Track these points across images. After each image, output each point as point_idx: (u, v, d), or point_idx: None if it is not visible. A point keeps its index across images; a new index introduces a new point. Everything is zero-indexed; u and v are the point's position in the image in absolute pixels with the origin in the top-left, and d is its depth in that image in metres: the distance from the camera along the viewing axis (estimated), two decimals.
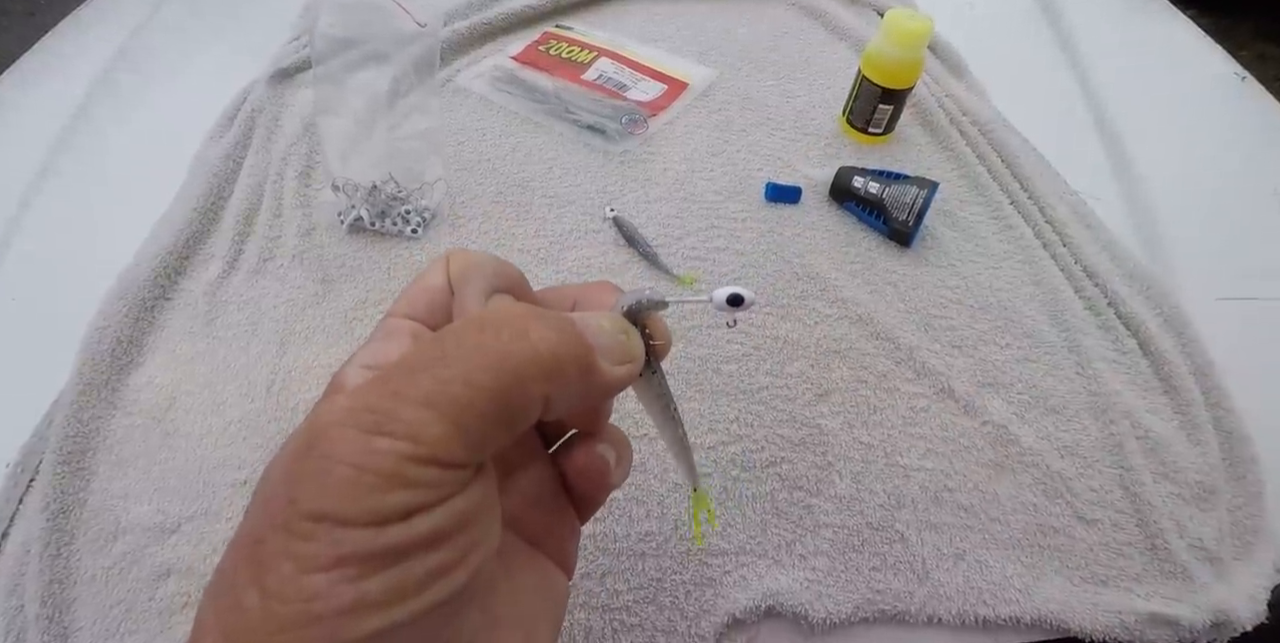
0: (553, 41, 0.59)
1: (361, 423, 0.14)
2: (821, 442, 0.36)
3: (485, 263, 0.19)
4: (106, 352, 0.39)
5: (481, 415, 0.14)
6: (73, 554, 0.33)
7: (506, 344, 0.15)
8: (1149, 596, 0.32)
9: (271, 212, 0.46)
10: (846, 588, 0.31)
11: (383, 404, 0.14)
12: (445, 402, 0.14)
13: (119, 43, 0.61)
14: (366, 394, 0.14)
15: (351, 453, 0.14)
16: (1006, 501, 0.34)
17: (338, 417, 0.14)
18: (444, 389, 0.14)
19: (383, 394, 0.14)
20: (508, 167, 0.49)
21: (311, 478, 0.14)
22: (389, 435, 0.14)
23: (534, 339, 0.15)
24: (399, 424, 0.14)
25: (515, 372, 0.15)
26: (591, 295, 0.20)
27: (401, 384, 0.14)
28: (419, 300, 0.19)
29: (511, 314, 0.16)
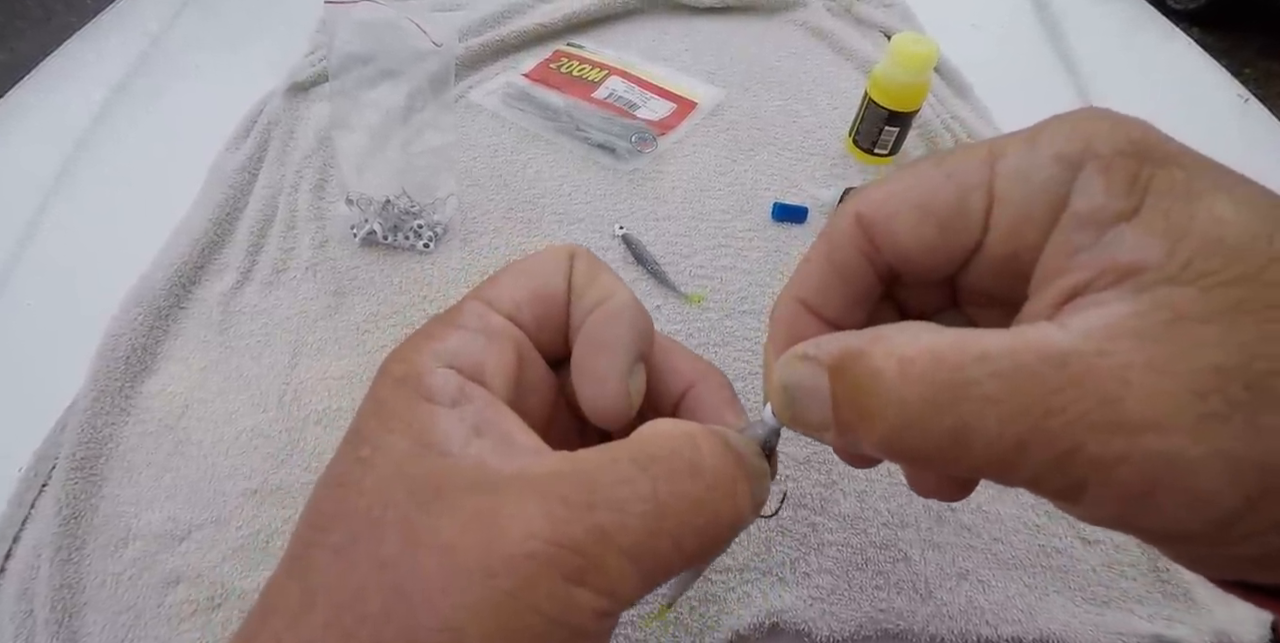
0: (564, 60, 0.60)
1: (564, 567, 0.12)
2: (826, 461, 0.36)
3: (630, 318, 0.17)
4: (121, 359, 0.39)
5: (669, 571, 0.14)
6: (83, 560, 0.34)
7: (719, 505, 0.14)
8: (1151, 617, 0.32)
9: (286, 224, 0.47)
10: (850, 606, 0.31)
11: (588, 547, 0.13)
12: (650, 559, 0.13)
13: (138, 50, 0.63)
14: (568, 523, 0.13)
15: (548, 603, 0.12)
16: (1009, 521, 0.34)
17: (536, 549, 0.12)
18: (653, 544, 0.13)
19: (588, 531, 0.13)
20: (519, 183, 0.50)
21: (490, 615, 0.12)
22: (591, 588, 0.12)
23: (739, 502, 0.14)
24: (602, 577, 0.13)
25: (718, 538, 0.14)
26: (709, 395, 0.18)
27: (609, 523, 0.13)
28: (527, 304, 0.17)
29: (721, 463, 0.14)
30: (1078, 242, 0.13)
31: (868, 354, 0.13)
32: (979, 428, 0.11)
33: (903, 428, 0.12)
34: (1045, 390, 0.11)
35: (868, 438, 0.13)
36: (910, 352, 0.12)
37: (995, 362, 0.11)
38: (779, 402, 0.15)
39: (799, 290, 0.17)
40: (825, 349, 0.14)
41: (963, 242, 0.14)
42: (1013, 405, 0.11)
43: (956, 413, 0.11)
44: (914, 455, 0.13)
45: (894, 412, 0.12)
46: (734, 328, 0.42)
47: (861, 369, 0.13)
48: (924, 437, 0.12)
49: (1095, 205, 0.12)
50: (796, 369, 0.14)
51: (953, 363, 0.12)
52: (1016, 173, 0.13)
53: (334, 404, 0.38)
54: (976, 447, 0.12)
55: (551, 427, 0.18)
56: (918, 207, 0.14)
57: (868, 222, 0.15)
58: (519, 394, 0.16)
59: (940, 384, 0.12)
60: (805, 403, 0.14)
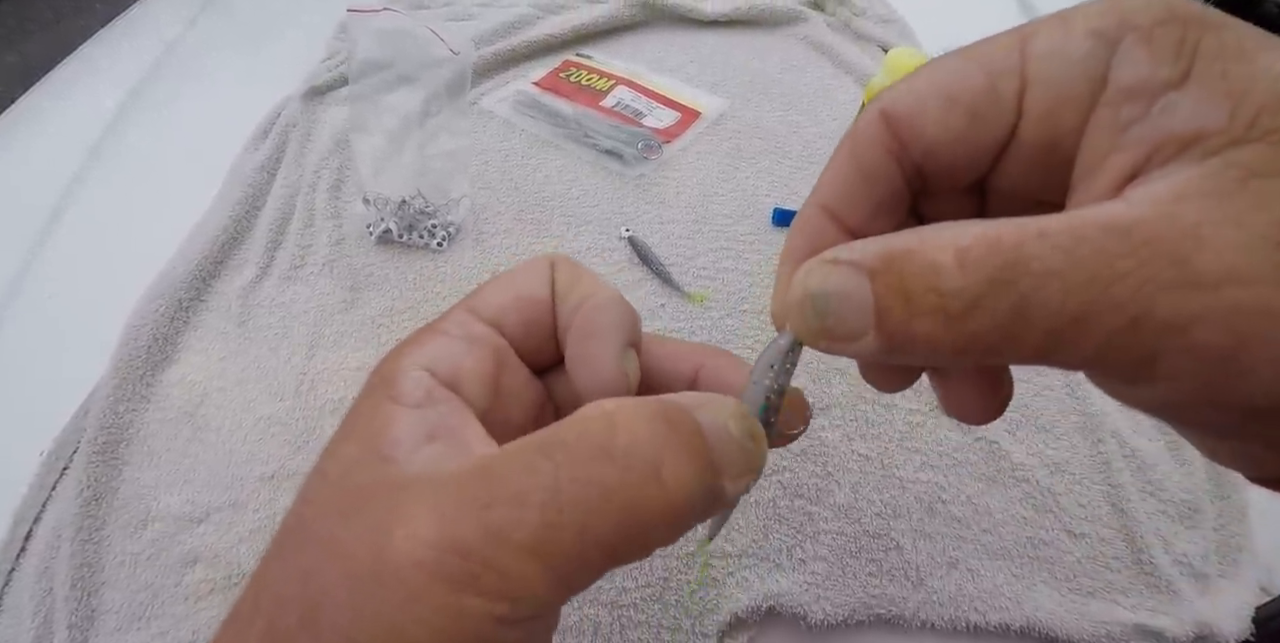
0: (573, 69, 0.62)
1: (452, 574, 0.11)
2: (822, 453, 0.37)
3: (617, 309, 0.16)
4: (142, 348, 0.41)
5: (589, 568, 0.12)
6: (103, 540, 0.35)
7: (636, 488, 0.12)
8: (1135, 607, 0.33)
9: (303, 222, 0.49)
10: (844, 592, 0.33)
11: (479, 548, 0.12)
12: (554, 553, 0.12)
13: (154, 55, 0.64)
14: (457, 521, 0.12)
15: (437, 615, 0.11)
16: (998, 513, 0.35)
17: (422, 556, 0.12)
18: (554, 537, 0.12)
19: (479, 531, 0.12)
20: (529, 186, 0.52)
21: (384, 630, 0.12)
22: (484, 595, 0.11)
23: (667, 481, 0.12)
24: (496, 579, 0.12)
25: (641, 524, 0.12)
26: (719, 370, 0.17)
27: (503, 520, 0.12)
28: (511, 310, 0.17)
29: (640, 439, 0.13)
30: (1126, 116, 0.12)
31: (918, 250, 0.12)
32: (1040, 301, 0.11)
33: (962, 317, 0.11)
34: (1110, 257, 0.10)
35: (924, 336, 0.12)
36: (964, 241, 0.11)
37: (1055, 236, 0.11)
38: (804, 314, 0.13)
39: (822, 197, 0.15)
40: (864, 251, 0.12)
41: (994, 130, 0.13)
42: (1076, 275, 0.10)
43: (1017, 290, 0.11)
44: (971, 348, 0.11)
45: (954, 303, 0.11)
46: (735, 326, 0.43)
47: (914, 266, 0.12)
48: (983, 323, 0.11)
49: (1141, 76, 0.11)
50: (829, 274, 0.13)
51: (1011, 242, 0.11)
52: (1050, 53, 0.12)
53: (349, 394, 0.40)
54: (1038, 322, 0.11)
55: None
56: (945, 97, 0.13)
57: (893, 117, 0.14)
58: (498, 400, 0.16)
59: (1000, 265, 0.11)
60: (840, 310, 0.13)
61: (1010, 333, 0.11)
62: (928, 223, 0.16)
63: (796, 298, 0.13)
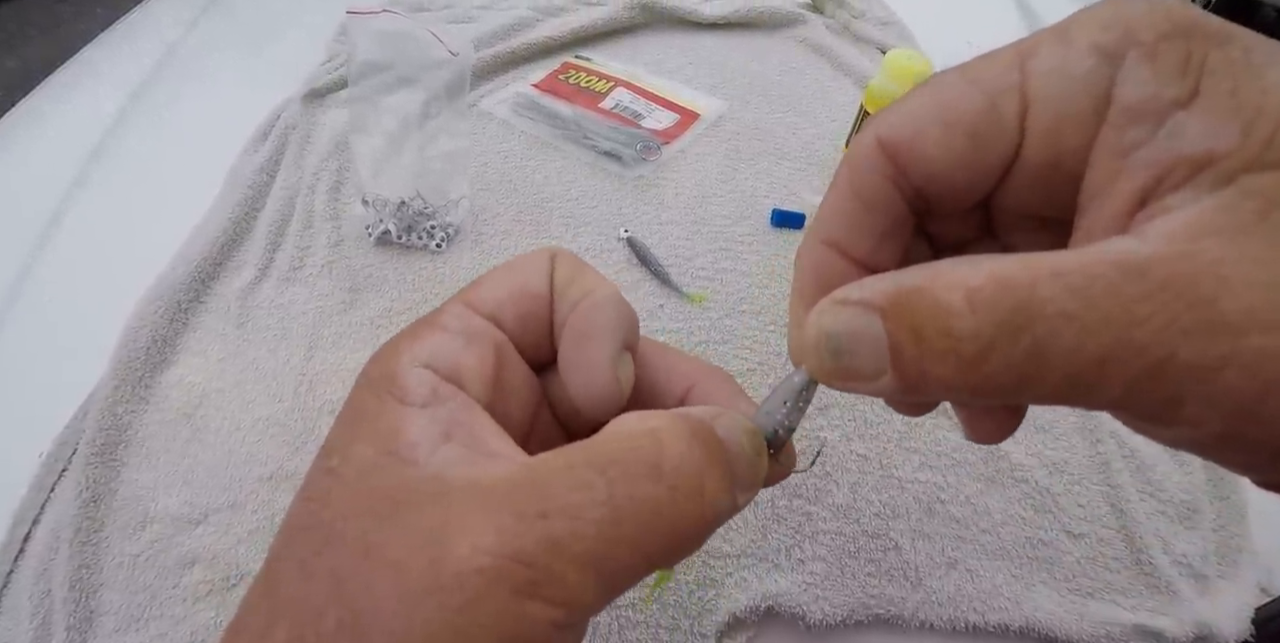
0: (572, 71, 0.62)
1: (515, 581, 0.12)
2: (821, 453, 0.37)
3: (614, 310, 0.16)
4: (141, 350, 0.41)
5: (635, 577, 0.13)
6: (102, 541, 0.35)
7: (682, 507, 0.13)
8: (1134, 608, 0.33)
9: (302, 223, 0.49)
10: (843, 592, 0.33)
11: (540, 558, 0.12)
12: (611, 568, 0.12)
13: (155, 58, 0.65)
14: (517, 534, 0.12)
15: (499, 619, 0.12)
16: (997, 513, 0.35)
17: (483, 564, 0.12)
18: (611, 551, 0.12)
19: (539, 542, 0.12)
20: (528, 188, 0.52)
21: (442, 634, 0.12)
22: (545, 600, 0.12)
23: (708, 500, 0.13)
24: (558, 589, 0.12)
25: (684, 541, 0.13)
26: (710, 395, 0.17)
27: (562, 532, 0.12)
28: (509, 304, 0.16)
29: (686, 460, 0.13)
30: (1132, 138, 0.11)
31: (927, 289, 0.12)
32: (1056, 346, 0.10)
33: (976, 361, 0.11)
34: (1127, 300, 0.10)
35: (937, 378, 0.12)
36: (975, 281, 0.11)
37: (1068, 277, 0.10)
38: (820, 355, 0.13)
39: (825, 231, 0.15)
40: (874, 290, 0.12)
41: (997, 152, 0.13)
42: (1092, 318, 0.10)
43: (1031, 334, 0.10)
44: (987, 390, 0.11)
45: (967, 346, 0.11)
46: (734, 326, 0.43)
47: (923, 306, 0.12)
48: (999, 366, 0.11)
49: (1146, 95, 0.11)
50: (841, 315, 0.13)
51: (1023, 283, 0.11)
52: (1051, 70, 0.12)
53: (347, 395, 0.40)
54: (1055, 367, 0.10)
55: (534, 432, 0.18)
56: (943, 121, 0.13)
57: (890, 144, 0.14)
58: (498, 396, 0.16)
59: (1012, 307, 0.11)
60: (855, 351, 0.13)
61: (1027, 376, 0.11)
62: (936, 242, 0.16)
63: (811, 339, 0.13)
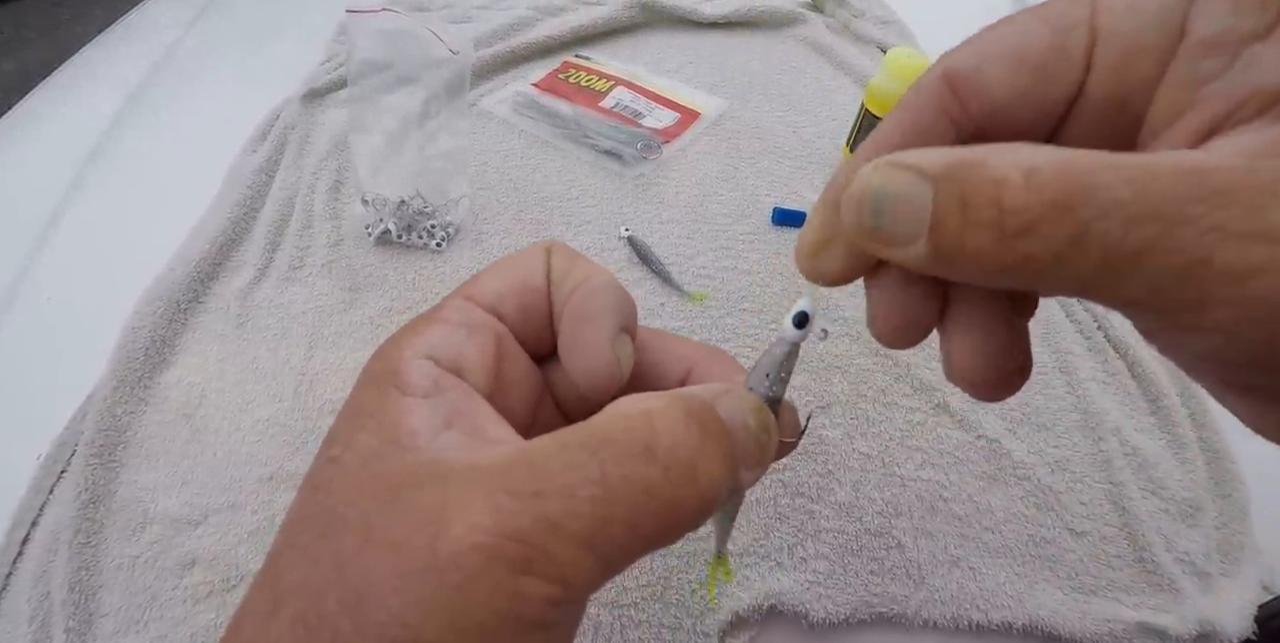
0: (572, 70, 0.62)
1: (510, 558, 0.12)
2: (823, 451, 0.37)
3: (610, 294, 0.17)
4: (140, 351, 0.41)
5: (631, 556, 0.13)
6: (101, 543, 0.34)
7: (675, 488, 0.13)
8: (1137, 606, 0.33)
9: (302, 223, 0.48)
10: (845, 590, 0.32)
11: (536, 536, 0.12)
12: (606, 545, 0.13)
13: (153, 58, 0.65)
14: (513, 513, 0.12)
15: (495, 596, 0.12)
16: (999, 511, 0.35)
17: (480, 541, 0.12)
18: (605, 530, 0.13)
19: (535, 520, 0.12)
20: (528, 187, 0.52)
21: (440, 611, 0.12)
22: (540, 577, 0.12)
23: (702, 482, 0.14)
24: (553, 566, 0.12)
25: (679, 522, 0.13)
26: (710, 369, 0.18)
27: (557, 511, 0.12)
28: (509, 296, 0.17)
29: (680, 441, 0.14)
30: (1206, 70, 0.11)
31: (986, 164, 0.11)
32: (1101, 231, 0.10)
33: (1018, 235, 0.11)
34: (1181, 199, 0.10)
35: (972, 250, 0.12)
36: (1036, 161, 0.11)
37: (1129, 169, 0.10)
38: (860, 211, 0.13)
39: (872, 153, 0.15)
40: (931, 157, 0.12)
41: (1061, 87, 0.13)
42: (1140, 209, 0.10)
43: (1079, 217, 0.11)
44: (1016, 268, 0.11)
45: (1012, 219, 0.11)
46: (735, 325, 0.43)
47: (979, 177, 0.11)
48: (1038, 246, 0.11)
49: (1223, 27, 0.11)
50: (891, 175, 0.13)
51: (1083, 168, 0.11)
52: (1123, 4, 0.12)
53: (347, 395, 0.39)
54: (1093, 253, 0.11)
55: (536, 423, 0.18)
56: (1010, 55, 0.13)
57: (956, 77, 0.14)
58: (499, 387, 0.16)
59: (1066, 189, 0.11)
60: (896, 213, 0.13)
61: (1062, 260, 0.11)
62: None
63: (856, 194, 0.13)
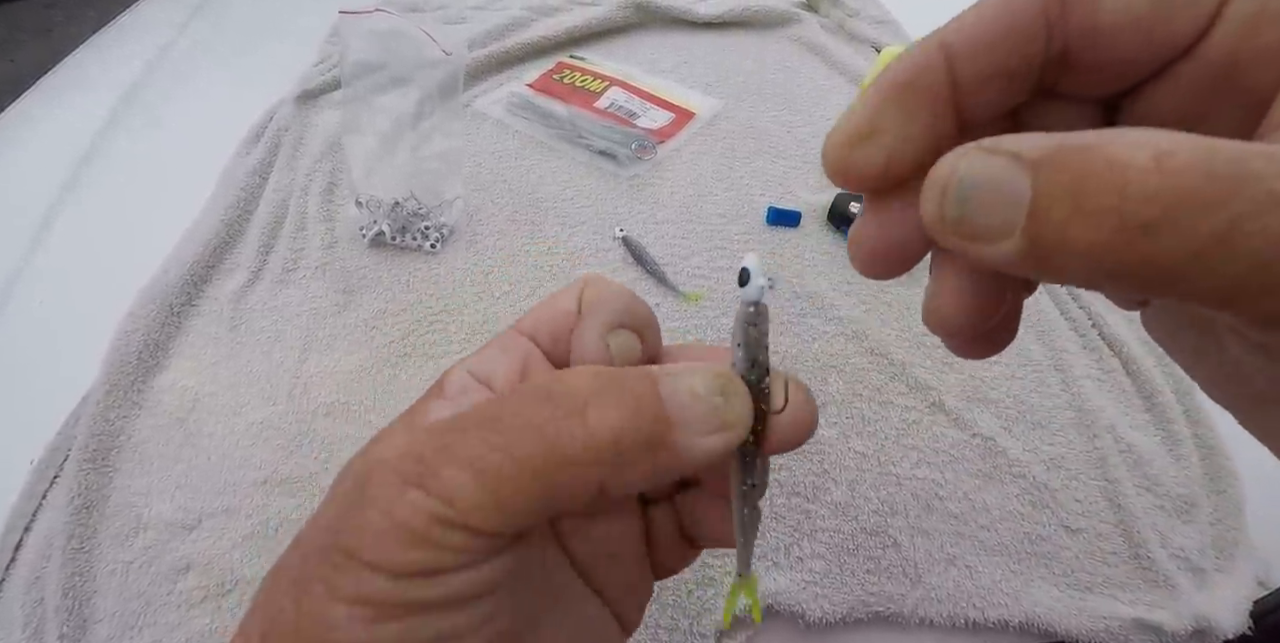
0: (566, 71, 0.62)
1: (405, 473, 0.14)
2: (818, 451, 0.37)
3: (616, 297, 0.17)
4: (134, 354, 0.40)
5: (521, 492, 0.13)
6: (94, 549, 0.34)
7: (560, 422, 0.14)
8: (1133, 602, 0.33)
9: (296, 225, 0.48)
10: (842, 590, 0.32)
11: (429, 457, 0.14)
12: (485, 469, 0.13)
13: (146, 60, 0.64)
14: (421, 442, 0.14)
15: (387, 500, 0.14)
16: (995, 509, 0.35)
17: (390, 456, 0.14)
18: (487, 456, 0.13)
19: (433, 446, 0.14)
20: (523, 187, 0.51)
21: (353, 513, 0.14)
22: (424, 490, 0.13)
23: (590, 420, 0.14)
24: (437, 482, 0.13)
25: (563, 457, 0.14)
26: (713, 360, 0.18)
27: (453, 440, 0.14)
28: (544, 322, 0.18)
29: (575, 385, 0.14)
30: None
31: (1099, 147, 0.10)
32: (1255, 233, 0.09)
33: (1144, 230, 0.09)
34: None
35: (1081, 246, 0.10)
36: (1168, 144, 0.09)
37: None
38: (945, 199, 0.11)
39: (950, 33, 0.13)
40: (1031, 143, 0.10)
41: (1180, 29, 0.11)
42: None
43: (1230, 211, 0.09)
44: (1142, 266, 0.10)
45: (1140, 209, 0.09)
46: (730, 325, 0.43)
47: (1093, 161, 0.10)
48: (1170, 243, 0.09)
49: None
50: (984, 162, 0.11)
51: (1231, 155, 0.09)
52: None
53: (342, 397, 0.39)
54: (1243, 256, 0.09)
55: None
56: None
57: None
58: None
59: (1212, 175, 0.09)
60: (987, 202, 0.11)
61: (1203, 263, 0.09)
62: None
63: (941, 179, 0.11)
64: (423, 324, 0.43)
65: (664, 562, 0.19)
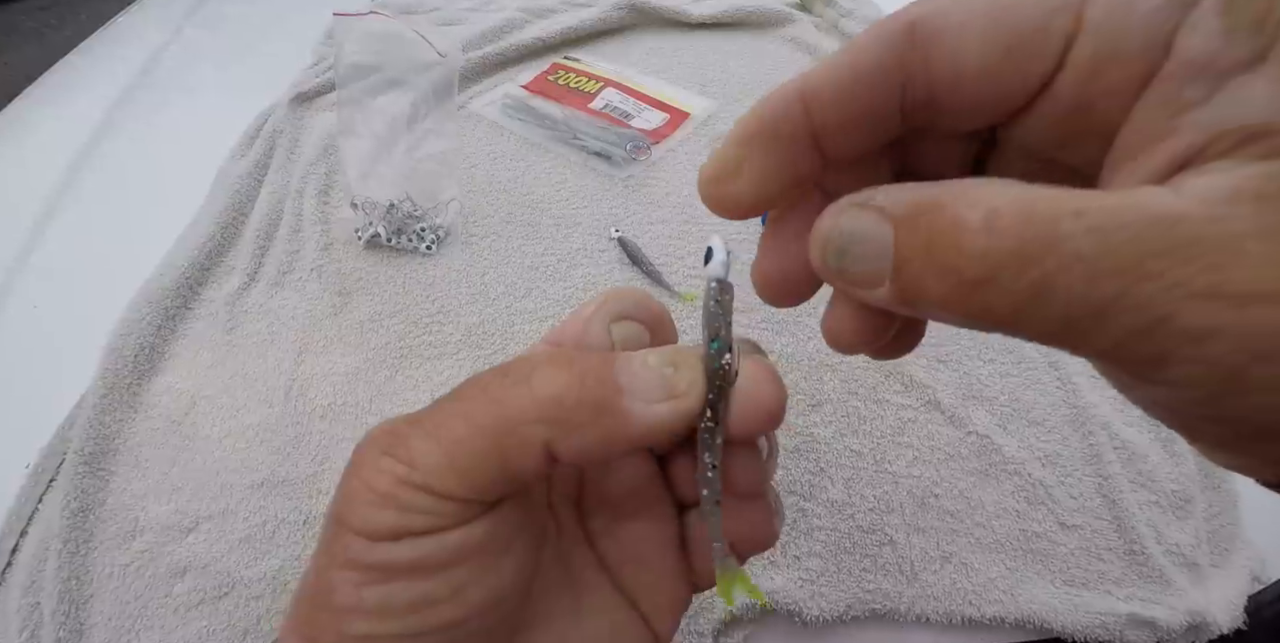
0: (561, 72, 0.62)
1: (382, 443, 0.15)
2: (814, 449, 0.37)
3: (629, 293, 0.18)
4: (129, 357, 0.40)
5: (475, 454, 0.14)
6: (91, 552, 0.34)
7: (508, 389, 0.15)
8: (1128, 598, 0.33)
9: (291, 227, 0.48)
10: (839, 588, 0.33)
11: (402, 429, 0.15)
12: (445, 435, 0.15)
13: (141, 62, 0.64)
14: (404, 419, 0.15)
15: (364, 467, 0.15)
16: (990, 506, 0.36)
17: (375, 433, 0.16)
18: (446, 422, 0.15)
19: (410, 421, 0.15)
20: (518, 188, 0.52)
21: (344, 484, 0.15)
22: (395, 458, 0.15)
23: (534, 382, 0.15)
24: (404, 449, 0.15)
25: (509, 418, 0.14)
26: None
27: (425, 414, 0.15)
28: (569, 330, 0.18)
29: (528, 358, 0.15)
30: (1189, 96, 0.11)
31: (948, 204, 0.11)
32: (1063, 286, 0.10)
33: (979, 284, 0.11)
34: (1144, 253, 0.10)
35: (934, 296, 0.11)
36: (999, 202, 0.11)
37: (1093, 217, 0.10)
38: (826, 252, 0.13)
39: (808, 84, 0.13)
40: (893, 197, 0.12)
41: (1033, 72, 0.12)
42: (1105, 265, 0.10)
43: (1041, 269, 0.10)
44: (979, 316, 0.11)
45: (973, 266, 0.11)
46: None
47: (941, 221, 0.11)
48: (997, 295, 0.11)
49: (1211, 50, 0.10)
50: (855, 216, 0.13)
51: (1046, 215, 0.10)
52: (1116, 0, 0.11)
53: (339, 399, 0.39)
54: (1055, 308, 0.10)
55: None
56: (990, 16, 0.12)
57: (927, 32, 0.12)
58: None
59: (1029, 237, 0.10)
60: (860, 255, 0.12)
61: (1023, 310, 0.11)
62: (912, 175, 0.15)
63: (823, 234, 0.13)
64: (419, 326, 0.43)
65: (703, 571, 0.19)
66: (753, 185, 0.14)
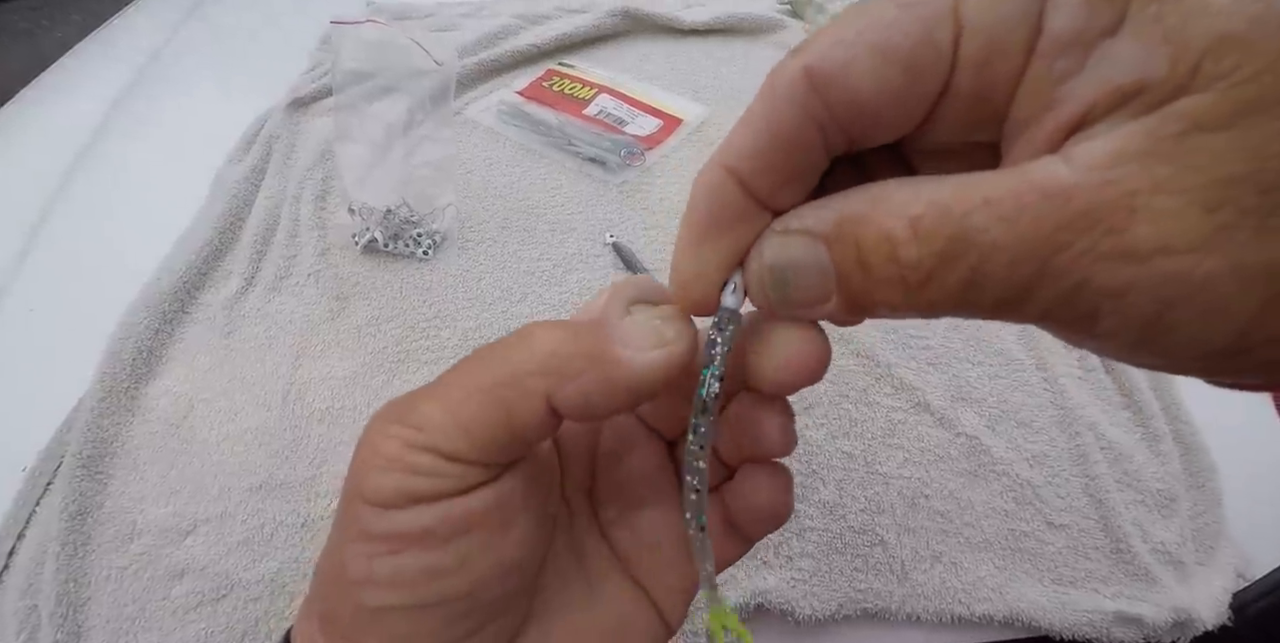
0: (556, 78, 0.63)
1: (388, 414, 0.16)
2: (806, 451, 0.38)
3: (645, 280, 0.18)
4: (127, 361, 0.41)
5: (479, 411, 0.15)
6: (89, 555, 0.34)
7: (509, 350, 0.15)
8: (1115, 596, 0.34)
9: (288, 232, 0.49)
10: (830, 587, 0.33)
11: (408, 399, 0.16)
12: (448, 398, 0.15)
13: (136, 65, 0.65)
14: (418, 392, 0.16)
15: (375, 435, 0.15)
16: (980, 506, 0.36)
17: (384, 407, 0.16)
18: (449, 385, 0.15)
19: (419, 392, 0.16)
20: (514, 194, 0.52)
21: (355, 455, 0.16)
22: (403, 423, 0.15)
23: (533, 340, 0.15)
24: (414, 415, 0.15)
25: (509, 374, 0.15)
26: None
27: (430, 385, 0.16)
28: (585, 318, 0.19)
29: (528, 326, 0.16)
30: (1062, 68, 0.11)
31: (871, 217, 0.12)
32: (989, 274, 0.11)
33: (920, 287, 0.12)
34: (1050, 229, 0.11)
35: (884, 302, 0.13)
36: (915, 208, 0.12)
37: (999, 205, 0.11)
38: (765, 286, 0.14)
39: (730, 158, 0.14)
40: (816, 218, 0.13)
41: (931, 82, 0.12)
42: (1020, 249, 0.11)
43: (967, 263, 0.11)
44: (929, 311, 0.12)
45: (912, 274, 0.12)
46: None
47: (869, 234, 0.12)
48: (939, 292, 0.12)
49: (1076, 23, 0.11)
50: (784, 246, 0.13)
51: (959, 212, 0.11)
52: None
53: (336, 403, 0.40)
54: (988, 292, 0.11)
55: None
56: (876, 48, 0.12)
57: (819, 76, 0.13)
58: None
59: (950, 236, 0.11)
60: (800, 280, 0.13)
61: (964, 300, 0.12)
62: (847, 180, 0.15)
63: (755, 273, 0.14)
64: (415, 331, 0.43)
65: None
66: (723, 272, 0.15)
